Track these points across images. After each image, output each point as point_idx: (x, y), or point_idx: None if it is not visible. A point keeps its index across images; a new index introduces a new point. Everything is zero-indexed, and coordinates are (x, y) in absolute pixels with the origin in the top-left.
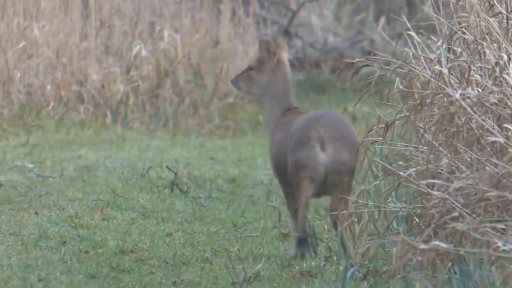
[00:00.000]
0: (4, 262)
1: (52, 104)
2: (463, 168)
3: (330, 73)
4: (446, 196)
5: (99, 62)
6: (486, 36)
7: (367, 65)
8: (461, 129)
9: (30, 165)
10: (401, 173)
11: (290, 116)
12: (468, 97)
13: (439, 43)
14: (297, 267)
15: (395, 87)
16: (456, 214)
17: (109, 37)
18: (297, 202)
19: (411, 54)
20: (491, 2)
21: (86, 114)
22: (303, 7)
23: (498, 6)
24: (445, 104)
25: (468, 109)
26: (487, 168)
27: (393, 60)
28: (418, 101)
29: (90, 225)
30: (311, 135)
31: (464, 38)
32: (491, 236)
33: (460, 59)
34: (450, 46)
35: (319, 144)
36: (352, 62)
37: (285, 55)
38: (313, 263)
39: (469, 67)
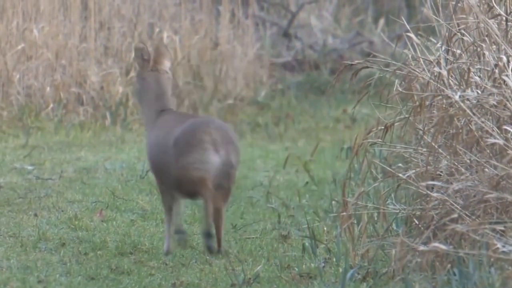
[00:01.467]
0: (4, 264)
1: (51, 105)
2: (463, 170)
3: (330, 75)
4: (446, 198)
5: (99, 64)
6: (486, 38)
7: (367, 67)
8: (460, 131)
9: (29, 167)
10: (400, 174)
11: (165, 117)
12: (468, 99)
13: (438, 45)
14: (296, 269)
15: (394, 88)
16: (455, 215)
17: (108, 38)
18: (206, 205)
19: (410, 56)
20: (490, 4)
21: (86, 116)
22: (303, 8)
23: (497, 8)
24: (444, 106)
25: (468, 111)
26: (486, 170)
27: (393, 62)
28: (417, 103)
29: (90, 227)
30: (204, 138)
31: (463, 40)
32: (490, 238)
33: (460, 61)
34: (449, 48)
35: (213, 146)
36: (352, 64)
37: (166, 63)
38: (312, 265)
39: (469, 69)
